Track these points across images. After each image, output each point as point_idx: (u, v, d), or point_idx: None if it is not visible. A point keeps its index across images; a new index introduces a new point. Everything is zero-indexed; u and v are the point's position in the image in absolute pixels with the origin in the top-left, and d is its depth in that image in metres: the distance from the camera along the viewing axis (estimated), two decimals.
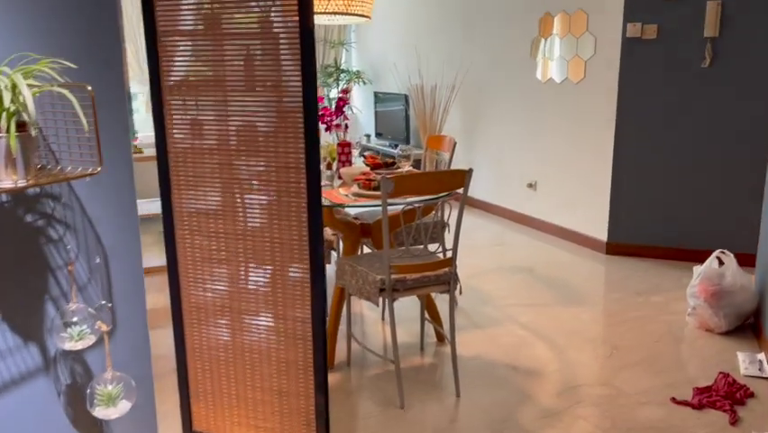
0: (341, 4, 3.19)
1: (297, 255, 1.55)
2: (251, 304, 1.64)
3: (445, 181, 2.51)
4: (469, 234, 5.09)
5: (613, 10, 4.27)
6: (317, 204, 1.49)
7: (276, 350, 1.65)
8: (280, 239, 1.55)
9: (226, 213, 1.58)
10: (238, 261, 1.61)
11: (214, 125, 1.53)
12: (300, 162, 1.47)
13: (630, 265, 4.30)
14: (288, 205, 1.51)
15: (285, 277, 1.58)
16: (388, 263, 2.52)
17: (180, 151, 1.56)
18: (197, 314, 1.69)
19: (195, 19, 1.53)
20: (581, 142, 4.67)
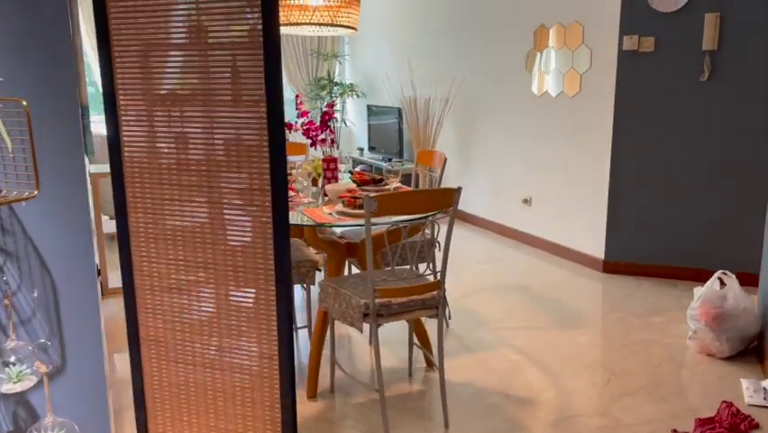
0: (326, 15, 3.08)
1: (263, 287, 1.41)
2: (213, 338, 1.51)
3: (433, 200, 2.37)
4: (463, 251, 4.95)
5: (609, 22, 4.17)
6: (284, 231, 1.36)
7: (240, 389, 1.51)
8: (244, 268, 1.42)
9: (186, 238, 1.44)
10: (199, 291, 1.48)
11: (172, 143, 1.41)
12: (265, 184, 1.33)
13: (628, 284, 4.16)
14: (252, 231, 1.38)
15: (249, 310, 1.44)
16: (372, 287, 2.38)
17: (137, 170, 1.43)
18: (156, 348, 1.55)
19: (155, 28, 1.40)
20: (577, 157, 4.55)
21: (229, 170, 1.36)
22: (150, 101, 1.38)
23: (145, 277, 1.49)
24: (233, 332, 1.46)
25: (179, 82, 1.38)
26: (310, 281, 3.02)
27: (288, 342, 1.41)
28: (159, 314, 1.51)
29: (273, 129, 1.28)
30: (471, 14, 5.57)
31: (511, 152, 5.24)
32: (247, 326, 1.45)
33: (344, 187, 2.99)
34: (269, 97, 1.29)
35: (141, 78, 1.40)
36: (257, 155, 1.31)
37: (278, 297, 1.38)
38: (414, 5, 6.47)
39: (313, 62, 7.95)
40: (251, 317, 1.43)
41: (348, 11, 3.13)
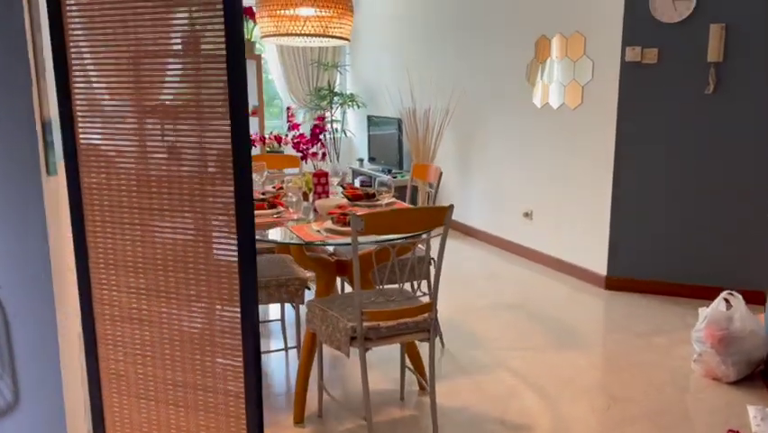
0: (317, 26, 2.99)
1: (228, 321, 1.31)
2: (177, 373, 1.40)
3: (424, 219, 2.27)
4: (461, 266, 4.84)
5: (611, 33, 4.07)
6: (250, 263, 1.25)
7: (206, 428, 1.40)
8: (208, 299, 1.32)
9: (147, 265, 1.34)
10: (161, 321, 1.38)
11: (132, 162, 1.31)
12: (230, 210, 1.23)
13: (631, 302, 4.04)
14: (216, 260, 1.28)
15: (214, 345, 1.34)
16: (360, 309, 2.27)
17: (95, 191, 1.34)
18: (117, 383, 1.45)
19: (114, 41, 1.31)
20: (579, 171, 4.44)
21: (191, 194, 1.26)
22: (108, 118, 1.29)
23: (105, 306, 1.39)
24: (198, 368, 1.36)
25: (141, 97, 1.28)
26: (299, 300, 2.92)
27: (255, 380, 1.30)
28: (119, 346, 1.41)
29: (238, 147, 1.18)
30: (472, 25, 5.48)
31: (512, 165, 5.14)
32: (212, 361, 1.34)
33: (335, 202, 2.89)
34: (234, 114, 1.19)
35: (100, 96, 1.31)
36: (220, 178, 1.21)
37: (243, 333, 1.28)
38: (414, 16, 6.40)
39: (313, 72, 7.88)
40: (216, 352, 1.32)
41: (340, 21, 3.04)
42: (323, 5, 2.96)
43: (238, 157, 1.19)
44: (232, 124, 1.19)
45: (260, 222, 2.81)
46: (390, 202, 3.18)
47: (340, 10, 3.01)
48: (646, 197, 4.11)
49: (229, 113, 1.19)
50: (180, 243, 1.31)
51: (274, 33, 3.00)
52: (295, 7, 2.94)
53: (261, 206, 2.95)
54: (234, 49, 1.17)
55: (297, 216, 2.90)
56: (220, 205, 1.25)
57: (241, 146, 1.19)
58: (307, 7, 2.95)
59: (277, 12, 2.97)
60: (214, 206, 1.25)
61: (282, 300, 2.89)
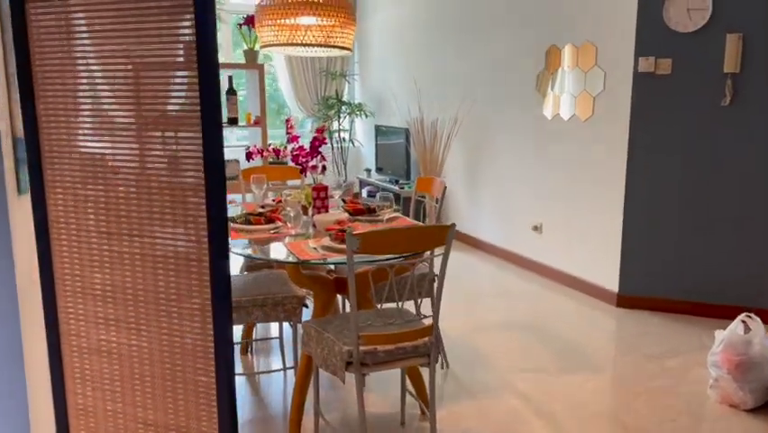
0: (319, 35, 2.89)
1: (202, 359, 1.21)
2: (148, 412, 1.30)
3: (423, 238, 2.16)
4: (468, 281, 4.71)
5: (624, 43, 3.95)
6: (223, 296, 1.15)
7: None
8: (180, 331, 1.21)
9: (116, 295, 1.25)
10: (131, 355, 1.28)
11: (100, 186, 1.21)
12: (202, 236, 1.14)
13: (643, 321, 3.89)
14: (188, 291, 1.17)
15: (186, 382, 1.24)
16: (356, 333, 2.16)
17: (62, 214, 1.24)
18: (86, 420, 1.35)
19: (85, 53, 1.22)
20: (590, 184, 4.31)
21: (162, 218, 1.16)
22: (74, 137, 1.20)
23: (72, 336, 1.30)
24: (170, 407, 1.26)
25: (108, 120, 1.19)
26: (296, 319, 2.81)
27: (230, 422, 1.20)
28: (88, 380, 1.31)
29: (210, 170, 1.08)
30: (481, 34, 5.38)
31: (521, 177, 5.01)
32: (185, 400, 1.24)
33: (333, 218, 2.78)
34: (206, 133, 1.09)
35: (65, 118, 1.21)
36: (194, 205, 1.12)
37: (217, 371, 1.17)
38: (423, 24, 6.31)
39: (321, 81, 7.81)
40: (188, 390, 1.22)
41: (343, 31, 2.95)
42: (324, 14, 2.87)
43: (211, 186, 1.09)
44: (204, 145, 1.10)
45: (256, 237, 2.71)
46: (392, 217, 3.07)
47: (342, 19, 2.92)
48: (660, 211, 3.97)
49: (201, 134, 1.09)
50: (150, 271, 1.21)
51: (274, 43, 2.91)
52: (295, 16, 2.85)
53: (258, 220, 2.85)
54: (205, 58, 1.08)
55: (296, 232, 2.80)
56: (192, 232, 1.15)
57: (214, 174, 1.09)
58: (308, 16, 2.86)
59: (277, 21, 2.88)
60: (186, 233, 1.15)
61: (279, 319, 2.79)
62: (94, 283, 1.27)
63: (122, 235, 1.22)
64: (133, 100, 1.17)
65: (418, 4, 6.35)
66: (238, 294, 2.76)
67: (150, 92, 1.14)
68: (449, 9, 5.82)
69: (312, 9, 2.81)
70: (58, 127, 1.23)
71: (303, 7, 2.80)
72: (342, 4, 2.88)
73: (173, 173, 1.16)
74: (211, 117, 1.09)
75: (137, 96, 1.17)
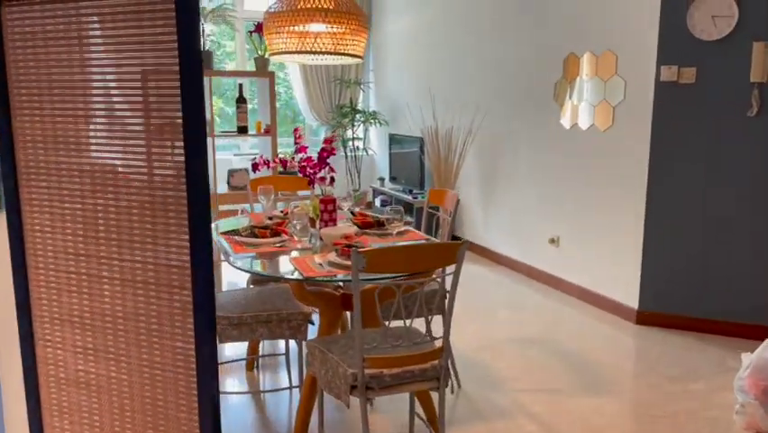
0: (328, 43, 2.81)
1: (184, 393, 1.11)
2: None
3: (433, 256, 2.05)
4: (482, 294, 4.59)
5: (645, 51, 3.81)
6: (208, 325, 1.06)
7: None
8: (162, 363, 1.12)
9: (95, 323, 1.16)
10: (110, 388, 1.18)
11: (78, 205, 1.13)
12: (184, 262, 1.04)
13: (664, 340, 3.74)
14: (170, 320, 1.08)
15: (168, 417, 1.14)
16: (361, 355, 2.06)
17: (38, 233, 1.16)
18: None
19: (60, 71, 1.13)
20: (609, 196, 4.17)
21: (142, 241, 1.07)
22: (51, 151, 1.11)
23: (50, 366, 1.21)
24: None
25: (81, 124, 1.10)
26: (302, 337, 2.71)
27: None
28: (65, 413, 1.22)
29: (193, 190, 0.99)
30: (498, 42, 5.27)
31: (538, 188, 4.88)
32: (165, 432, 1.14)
33: (341, 232, 2.68)
34: (188, 150, 1.00)
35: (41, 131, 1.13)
36: (176, 227, 1.02)
37: (201, 408, 1.08)
38: (438, 32, 6.21)
39: (335, 89, 7.75)
40: (170, 428, 1.12)
41: (353, 38, 2.86)
42: (334, 21, 2.78)
43: (193, 203, 1.00)
44: (187, 164, 1.00)
45: (261, 251, 2.62)
46: (403, 231, 2.97)
47: (353, 26, 2.83)
48: (682, 225, 3.82)
49: (184, 150, 1.00)
50: (130, 297, 1.12)
51: (283, 51, 2.83)
52: (305, 23, 2.77)
53: (264, 233, 2.76)
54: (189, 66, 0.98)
55: (302, 246, 2.70)
56: (174, 257, 1.06)
57: (197, 193, 0.99)
58: (318, 23, 2.78)
59: (286, 28, 2.80)
60: (168, 258, 1.06)
61: (284, 337, 2.69)
62: (72, 309, 1.18)
63: (100, 258, 1.13)
64: (108, 113, 1.08)
65: (434, 13, 6.27)
66: (241, 310, 2.66)
67: (131, 103, 1.05)
68: (465, 17, 5.72)
69: (322, 16, 2.72)
70: (34, 141, 1.14)
71: (313, 14, 2.72)
72: (353, 10, 2.79)
73: (154, 192, 1.07)
74: (196, 132, 0.99)
75: (114, 109, 1.08)
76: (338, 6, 2.76)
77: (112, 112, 1.08)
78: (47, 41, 1.09)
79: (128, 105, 1.07)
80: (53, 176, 1.15)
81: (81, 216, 1.13)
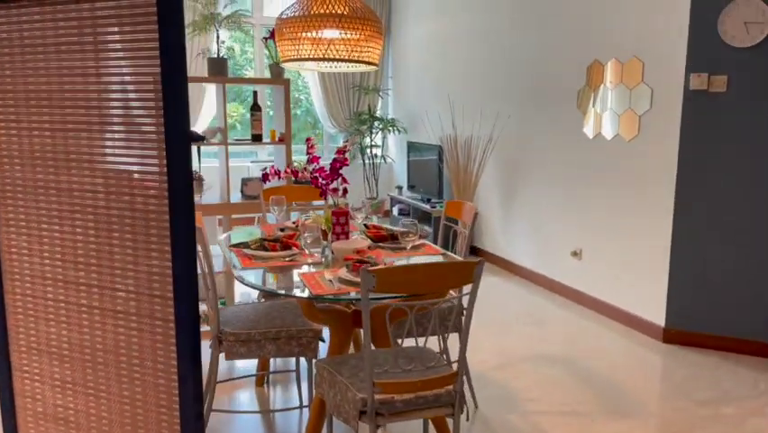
0: (342, 50, 2.71)
1: (167, 429, 1.01)
2: None
3: (447, 276, 1.93)
4: (501, 308, 4.44)
5: (674, 58, 3.66)
6: (193, 359, 0.96)
7: None
8: (143, 400, 1.02)
9: (73, 355, 1.06)
10: (89, 426, 1.09)
11: (56, 226, 1.03)
12: (167, 291, 0.94)
13: (693, 360, 3.57)
14: (152, 355, 0.98)
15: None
16: (371, 380, 1.94)
17: (15, 256, 1.07)
18: None
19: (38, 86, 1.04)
20: (635, 208, 4.01)
21: (124, 267, 0.97)
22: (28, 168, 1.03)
23: (27, 399, 1.12)
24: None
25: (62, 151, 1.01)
26: (312, 355, 2.61)
27: None
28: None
29: (176, 211, 0.89)
30: (519, 48, 5.14)
31: (560, 199, 4.74)
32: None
33: (353, 246, 2.58)
34: (170, 167, 0.90)
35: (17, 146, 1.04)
36: (158, 250, 0.93)
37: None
38: (458, 38, 6.10)
39: (354, 96, 7.67)
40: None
41: (368, 45, 2.76)
42: (349, 27, 2.69)
43: (177, 230, 0.90)
44: (169, 183, 0.91)
45: (270, 265, 2.53)
46: (418, 245, 2.85)
47: (368, 32, 2.73)
48: (712, 239, 3.65)
49: (166, 169, 0.90)
50: (110, 328, 1.03)
51: (295, 58, 2.73)
52: (318, 29, 2.67)
53: (274, 246, 2.67)
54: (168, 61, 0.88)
55: (313, 260, 2.60)
56: (156, 286, 0.96)
57: (181, 218, 0.89)
58: (332, 29, 2.68)
59: (299, 34, 2.71)
60: (150, 287, 0.97)
61: (293, 354, 2.59)
62: (50, 338, 1.09)
63: (79, 285, 1.04)
64: (88, 126, 0.98)
65: (454, 19, 6.16)
66: (250, 326, 2.57)
67: (112, 116, 0.96)
68: (485, 23, 5.60)
69: (336, 22, 2.63)
70: (10, 156, 1.06)
71: (326, 20, 2.62)
72: (367, 16, 2.69)
73: (135, 214, 0.98)
74: (181, 148, 0.89)
75: (94, 123, 0.99)
76: (353, 12, 2.66)
77: (91, 126, 0.99)
78: (23, 48, 1.00)
79: (109, 117, 0.97)
80: (30, 195, 1.06)
81: (59, 239, 1.05)
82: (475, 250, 6.02)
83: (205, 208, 3.81)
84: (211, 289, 2.58)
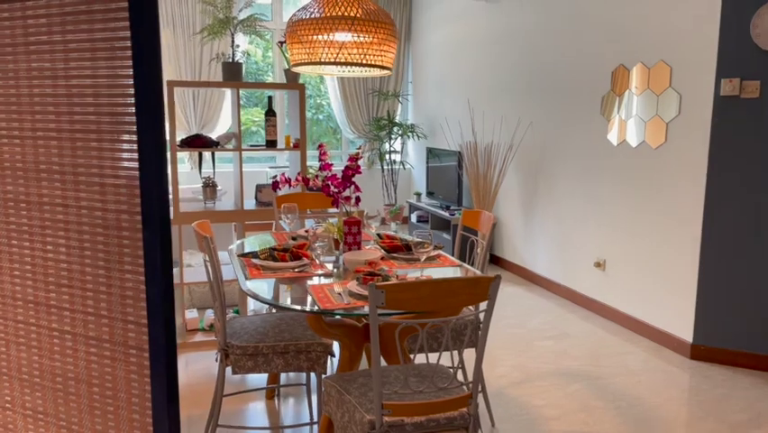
0: (355, 54, 2.62)
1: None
2: None
3: (461, 292, 1.82)
4: (522, 320, 4.30)
5: (704, 62, 3.50)
6: (169, 390, 0.86)
7: None
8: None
9: (44, 383, 0.97)
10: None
11: (25, 237, 0.95)
12: (141, 316, 0.85)
13: (723, 378, 3.39)
14: (125, 387, 0.89)
15: None
16: (380, 401, 1.84)
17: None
18: None
19: None
20: (661, 218, 3.85)
21: (96, 289, 0.88)
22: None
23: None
24: None
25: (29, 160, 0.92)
26: (321, 370, 2.51)
27: None
28: None
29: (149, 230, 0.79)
30: (541, 53, 5.01)
31: (583, 207, 4.59)
32: None
33: (365, 257, 2.47)
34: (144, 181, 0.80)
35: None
36: (131, 270, 0.83)
37: None
38: (478, 43, 5.98)
39: (373, 102, 7.59)
40: None
41: (381, 49, 2.66)
42: (361, 30, 2.59)
43: (149, 244, 0.81)
44: (142, 202, 0.81)
45: (278, 276, 2.43)
46: (434, 256, 2.74)
47: (381, 36, 2.64)
48: (744, 252, 3.48)
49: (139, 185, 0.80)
50: (82, 356, 0.94)
51: (306, 61, 2.65)
52: (329, 32, 2.58)
53: (283, 257, 2.58)
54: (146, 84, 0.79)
55: (323, 271, 2.50)
56: (130, 311, 0.87)
57: (153, 235, 0.80)
58: (344, 32, 2.59)
59: (310, 37, 2.62)
60: (123, 312, 0.87)
61: (301, 369, 2.49)
62: (20, 364, 1.00)
63: (50, 307, 0.95)
64: (58, 133, 0.90)
65: (474, 23, 6.04)
66: (257, 339, 2.48)
67: (83, 122, 0.87)
68: (505, 27, 5.48)
69: (347, 25, 2.53)
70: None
71: (337, 23, 2.53)
72: (381, 18, 2.60)
73: (108, 231, 0.89)
74: (156, 159, 0.80)
75: (64, 129, 0.90)
76: (366, 15, 2.57)
77: (61, 133, 0.91)
78: None
79: (80, 124, 0.89)
80: None
81: (30, 256, 0.96)
82: (495, 259, 5.89)
83: (218, 215, 3.74)
84: (218, 299, 2.50)
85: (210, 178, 3.97)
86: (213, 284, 2.48)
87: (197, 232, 2.43)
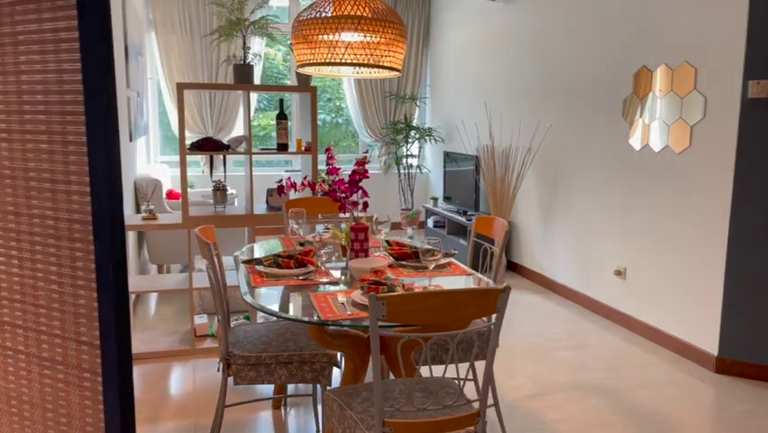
0: (361, 54, 2.53)
1: None
2: None
3: (467, 305, 1.72)
4: (537, 328, 4.17)
5: (730, 64, 3.36)
6: (124, 417, 0.78)
7: None
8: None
9: (1, 407, 0.90)
10: None
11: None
12: (95, 337, 0.77)
13: (750, 394, 3.24)
14: (80, 413, 0.81)
15: None
16: (381, 418, 1.74)
17: None
18: None
19: None
20: (685, 225, 3.70)
21: (49, 306, 0.80)
22: None
23: None
24: None
25: None
26: (326, 382, 2.42)
27: None
28: None
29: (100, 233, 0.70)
30: (560, 55, 4.88)
31: (603, 214, 4.44)
32: None
33: (371, 265, 2.38)
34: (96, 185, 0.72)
35: None
36: (84, 286, 0.75)
37: None
38: (496, 45, 5.87)
39: (390, 105, 7.50)
40: None
41: (389, 49, 2.57)
42: (369, 30, 2.51)
43: (101, 258, 0.73)
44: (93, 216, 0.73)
45: (282, 284, 2.35)
46: (444, 264, 2.64)
47: (389, 36, 2.55)
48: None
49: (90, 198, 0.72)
50: (37, 378, 0.86)
51: (311, 62, 2.57)
52: (335, 32, 2.50)
53: (288, 264, 2.49)
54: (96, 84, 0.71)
55: (329, 279, 2.42)
56: (84, 330, 0.79)
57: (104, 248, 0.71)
58: (350, 32, 2.51)
59: (315, 37, 2.54)
60: (76, 331, 0.79)
61: (305, 380, 2.41)
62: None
63: (3, 324, 0.88)
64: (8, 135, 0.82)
65: (492, 26, 5.93)
66: (260, 348, 2.40)
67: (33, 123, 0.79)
68: (524, 29, 5.36)
69: (354, 24, 2.45)
70: None
71: (344, 22, 2.45)
72: (390, 18, 2.51)
73: (60, 242, 0.81)
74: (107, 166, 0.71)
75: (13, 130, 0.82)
76: (373, 14, 2.48)
77: (11, 134, 0.83)
78: None
79: (30, 124, 0.81)
80: None
81: None
82: (513, 265, 5.76)
83: (227, 220, 3.68)
84: (220, 307, 2.43)
85: (220, 181, 3.91)
86: (215, 292, 2.41)
87: (199, 238, 2.36)
